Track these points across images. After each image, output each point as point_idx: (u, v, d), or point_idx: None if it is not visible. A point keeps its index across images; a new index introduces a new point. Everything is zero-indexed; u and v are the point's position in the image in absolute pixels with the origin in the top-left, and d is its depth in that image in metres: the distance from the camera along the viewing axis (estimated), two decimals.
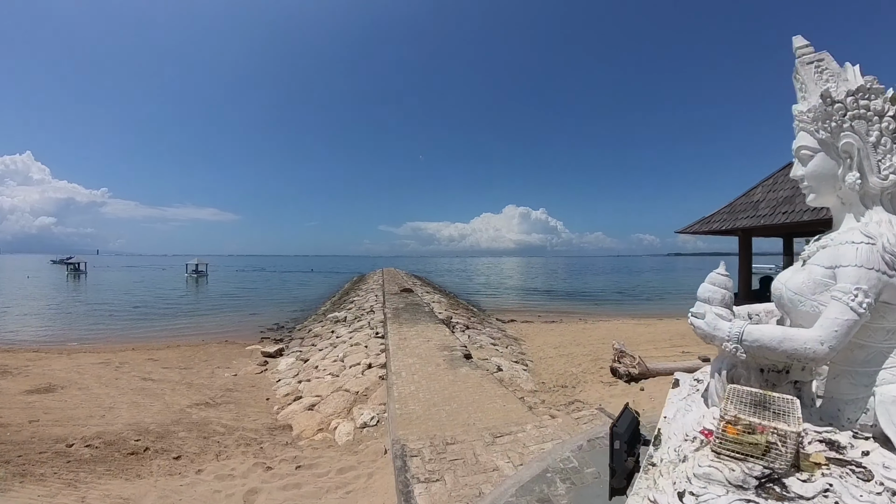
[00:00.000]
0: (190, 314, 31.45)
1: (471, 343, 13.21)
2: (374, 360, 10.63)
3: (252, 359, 16.38)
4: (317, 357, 13.00)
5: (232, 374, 14.19)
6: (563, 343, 17.16)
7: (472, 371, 8.81)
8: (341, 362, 11.35)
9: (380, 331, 14.24)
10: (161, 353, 18.63)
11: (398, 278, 45.64)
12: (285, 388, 10.97)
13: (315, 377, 10.70)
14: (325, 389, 9.41)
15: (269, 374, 13.68)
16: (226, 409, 10.50)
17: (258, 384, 12.64)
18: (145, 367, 15.41)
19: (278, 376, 12.65)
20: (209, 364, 16.00)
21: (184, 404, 10.91)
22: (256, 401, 10.97)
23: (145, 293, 47.55)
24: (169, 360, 16.74)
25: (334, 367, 11.03)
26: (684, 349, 15.36)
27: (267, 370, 14.33)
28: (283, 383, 11.49)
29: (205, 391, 12.16)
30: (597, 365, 12.26)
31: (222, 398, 11.40)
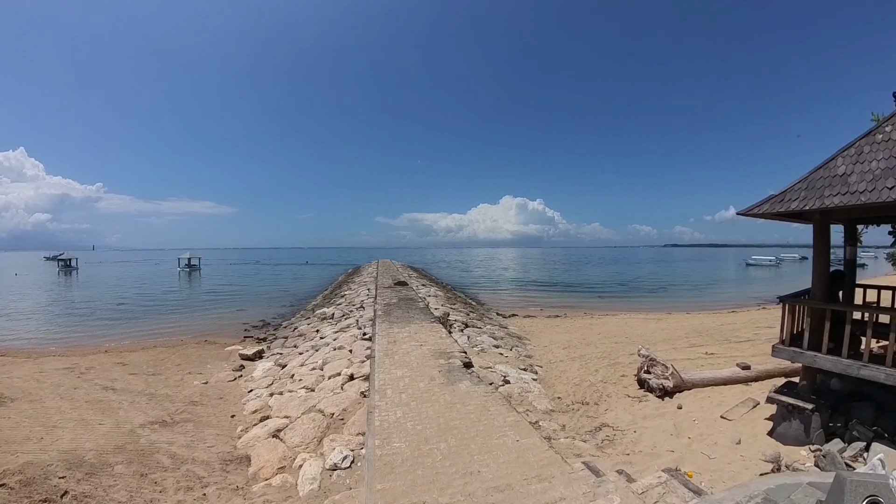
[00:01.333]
0: (175, 311, 29.82)
1: (470, 346, 11.59)
2: (357, 369, 9.00)
3: (229, 362, 14.89)
4: (295, 363, 11.37)
5: (202, 381, 12.70)
6: (573, 342, 15.66)
7: (473, 387, 7.17)
8: (320, 371, 9.72)
9: (368, 331, 12.61)
10: (133, 355, 17.16)
11: (393, 270, 43.89)
12: (255, 402, 9.36)
13: (288, 390, 9.08)
14: (297, 408, 7.78)
15: (243, 381, 12.12)
16: (182, 429, 8.93)
17: (227, 395, 11.07)
18: (112, 372, 13.94)
19: (251, 385, 11.08)
20: (181, 369, 14.54)
21: (137, 423, 9.40)
22: (220, 418, 9.40)
23: (133, 289, 45.86)
24: (139, 365, 15.32)
25: (311, 377, 9.39)
26: (706, 349, 13.85)
27: (241, 377, 12.81)
28: (255, 395, 9.88)
29: (166, 404, 10.64)
30: (616, 371, 10.70)
31: (182, 414, 9.85)
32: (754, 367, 9.78)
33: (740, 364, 9.86)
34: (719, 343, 14.83)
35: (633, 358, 12.24)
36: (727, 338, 15.59)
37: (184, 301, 35.57)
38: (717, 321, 20.20)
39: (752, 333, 16.25)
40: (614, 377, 10.13)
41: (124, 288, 47.74)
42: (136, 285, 51.05)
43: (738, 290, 42.07)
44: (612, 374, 10.48)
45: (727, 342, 14.89)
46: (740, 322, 19.57)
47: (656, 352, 13.47)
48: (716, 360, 12.63)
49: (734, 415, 7.56)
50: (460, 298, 28.89)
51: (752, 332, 16.40)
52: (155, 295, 40.18)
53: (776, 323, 19.28)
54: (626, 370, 10.79)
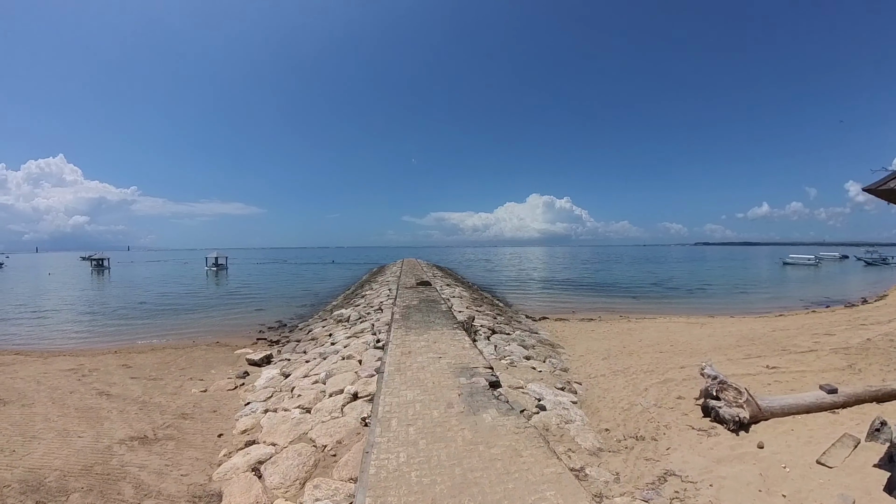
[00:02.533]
0: (193, 311, 29.22)
1: (498, 357, 10.10)
2: (362, 386, 7.62)
3: (235, 367, 13.93)
4: (299, 373, 10.12)
5: (201, 389, 11.75)
6: (612, 351, 14.07)
7: (501, 418, 5.70)
8: (322, 385, 8.39)
9: (382, 337, 11.27)
10: (140, 357, 16.57)
11: (418, 269, 42.54)
12: (248, 419, 8.12)
13: (283, 408, 7.79)
14: (286, 434, 6.46)
15: (243, 391, 11.02)
16: (162, 449, 7.85)
17: (222, 408, 9.96)
18: (113, 376, 13.34)
19: (250, 396, 9.90)
20: (184, 374, 13.73)
21: (118, 437, 8.56)
22: (206, 437, 8.24)
23: (158, 288, 45.97)
24: (143, 368, 14.61)
25: (311, 393, 8.06)
26: (766, 362, 12.08)
27: (243, 385, 11.77)
28: (249, 410, 8.66)
29: (155, 416, 9.70)
30: (670, 392, 9.06)
31: (168, 430, 8.81)
32: (840, 389, 8.04)
33: (825, 386, 8.09)
34: (777, 353, 13.05)
35: (685, 373, 10.70)
36: (784, 347, 13.85)
37: (205, 300, 35.06)
38: (767, 326, 18.37)
39: (811, 342, 14.45)
40: (669, 400, 8.50)
41: (149, 287, 47.94)
42: (161, 284, 51.27)
43: (780, 291, 39.22)
44: (665, 395, 8.85)
45: (786, 352, 13.14)
46: (793, 328, 17.65)
47: (705, 361, 11.80)
48: (780, 375, 10.87)
49: (834, 459, 5.90)
50: (487, 299, 27.27)
51: (812, 341, 14.61)
52: (178, 294, 39.94)
53: (835, 329, 16.62)
54: (682, 390, 9.17)
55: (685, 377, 10.36)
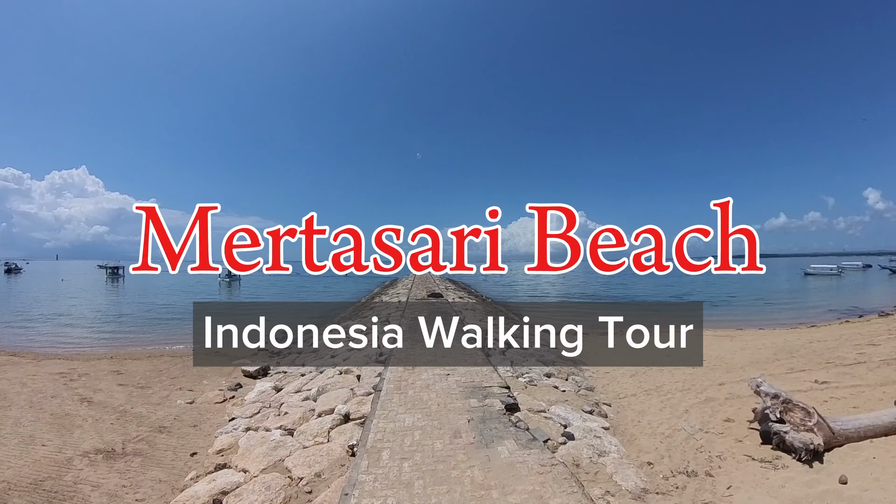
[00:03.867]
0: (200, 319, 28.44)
1: (515, 374, 8.93)
2: (356, 406, 6.54)
3: (229, 378, 13.00)
4: (291, 387, 9.08)
5: (188, 400, 10.83)
6: (640, 367, 12.82)
7: (521, 453, 4.58)
8: (312, 403, 7.32)
9: (386, 350, 10.19)
10: (134, 364, 15.86)
11: (430, 282, 41.42)
12: (226, 437, 7.10)
13: (265, 427, 6.74)
14: (261, 459, 5.41)
15: (231, 404, 10.04)
16: (126, 466, 7.01)
17: (204, 422, 8.99)
18: (101, 381, 12.66)
19: (237, 411, 8.91)
20: (174, 383, 12.92)
21: (83, 448, 7.96)
22: (177, 455, 7.28)
23: (168, 297, 45.59)
24: (133, 375, 13.80)
25: (298, 411, 7.00)
26: (813, 376, 10.71)
27: (233, 398, 10.79)
28: (232, 427, 7.65)
29: (130, 427, 8.86)
30: (716, 413, 7.90)
31: (139, 444, 7.95)
32: None
33: None
34: (822, 367, 11.84)
35: (726, 391, 9.52)
36: (828, 359, 12.64)
37: (213, 310, 34.28)
38: (802, 338, 17.14)
39: (855, 353, 13.20)
40: (716, 423, 7.30)
41: (160, 295, 47.68)
42: (171, 293, 50.88)
43: (806, 301, 37.73)
44: (710, 417, 7.67)
45: (832, 365, 11.96)
46: (830, 339, 16.38)
47: (744, 376, 10.33)
48: (833, 391, 9.48)
49: None
50: (501, 313, 25.98)
51: (856, 353, 13.33)
52: (186, 303, 39.37)
53: (877, 339, 14.93)
54: (728, 410, 8.01)
55: (727, 395, 9.24)
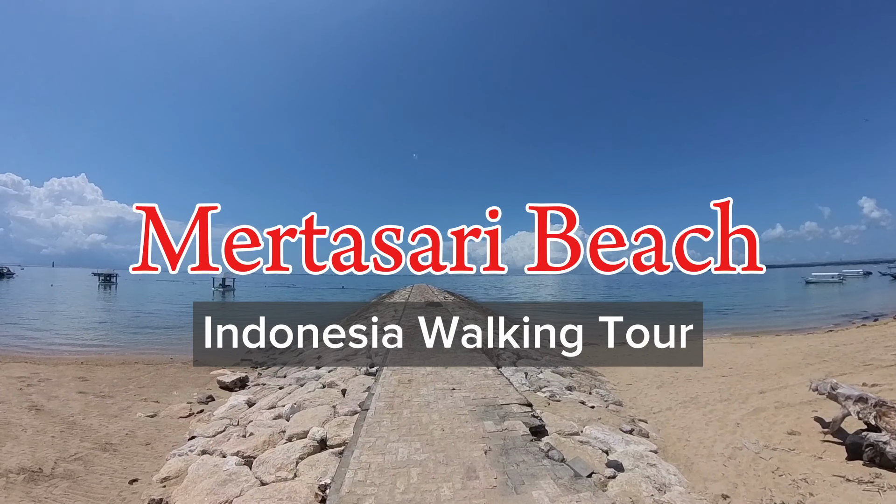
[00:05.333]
0: (186, 327, 26.99)
1: (532, 387, 7.57)
2: (336, 429, 5.18)
3: (202, 389, 11.77)
4: (265, 402, 7.73)
5: (149, 413, 9.57)
6: (665, 377, 11.89)
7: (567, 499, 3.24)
8: (285, 422, 5.96)
9: (377, 361, 8.86)
10: (103, 371, 14.81)
11: (428, 293, 39.92)
12: (178, 461, 5.76)
13: (221, 452, 5.39)
14: (201, 499, 4.05)
15: (195, 420, 8.78)
16: (46, 492, 6.23)
17: (160, 441, 7.76)
18: (61, 388, 11.57)
19: (199, 429, 7.52)
20: (140, 393, 11.79)
21: (5, 467, 6.57)
22: (114, 480, 6.09)
23: (160, 305, 44.40)
24: (99, 382, 12.57)
25: (266, 431, 5.65)
26: (858, 379, 10.09)
27: (202, 412, 9.55)
28: (188, 448, 6.31)
29: (72, 442, 7.72)
30: (774, 426, 6.85)
31: (75, 463, 6.81)
32: None
33: None
34: (862, 370, 11.38)
35: (774, 399, 8.67)
36: (864, 362, 12.34)
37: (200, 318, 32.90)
38: (826, 342, 16.71)
39: (890, 355, 12.90)
40: (779, 436, 6.25)
41: (150, 303, 46.59)
42: (163, 301, 49.60)
43: (815, 307, 37.10)
44: (769, 430, 6.62)
45: (871, 367, 11.57)
46: (855, 342, 16.06)
47: (776, 381, 9.97)
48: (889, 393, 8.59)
49: None
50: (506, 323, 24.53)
51: (890, 354, 13.07)
52: (176, 311, 38.01)
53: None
54: (787, 421, 7.02)
55: (776, 403, 8.32)
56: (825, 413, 7.09)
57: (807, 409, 7.61)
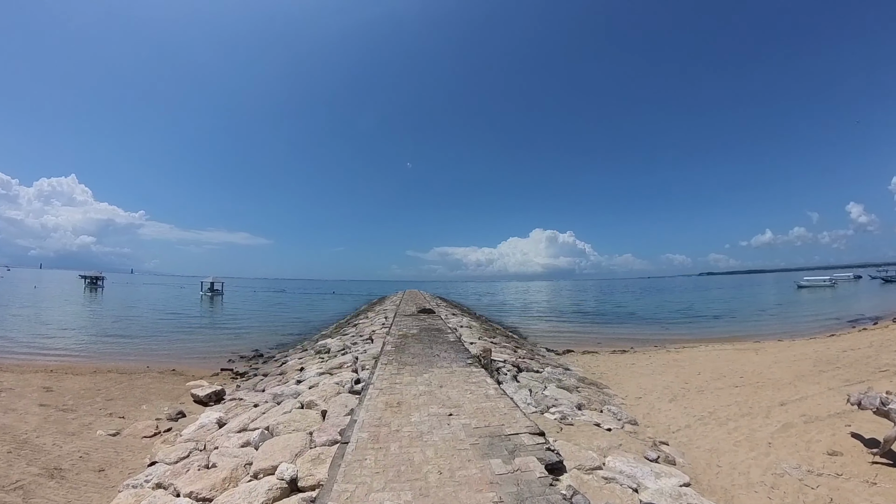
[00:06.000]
0: (170, 333, 26.02)
1: (539, 407, 6.78)
2: (309, 466, 4.35)
3: (174, 403, 10.98)
4: (238, 421, 6.90)
5: (112, 431, 8.74)
6: (674, 388, 11.24)
7: None
8: (253, 451, 5.16)
9: (364, 376, 8.05)
10: (71, 380, 14.19)
11: (419, 299, 38.89)
12: (129, 495, 4.96)
13: (175, 488, 4.57)
14: None
15: (161, 441, 7.87)
16: None
17: (116, 466, 6.98)
18: (22, 399, 10.78)
19: (162, 453, 6.61)
20: (107, 407, 10.98)
21: None
22: None
23: (146, 309, 43.41)
24: (64, 393, 11.74)
25: (230, 463, 4.85)
26: (882, 386, 9.34)
27: (170, 430, 8.69)
28: (144, 478, 5.44)
29: (17, 467, 7.26)
30: (810, 445, 6.25)
31: (10, 495, 5.78)
32: None
33: None
34: (879, 376, 11.03)
35: (799, 412, 8.13)
36: (878, 368, 12.07)
37: (186, 324, 31.82)
38: (832, 348, 16.35)
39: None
40: (819, 458, 5.69)
41: (136, 307, 45.64)
42: (149, 306, 48.55)
43: (810, 312, 37.12)
44: (805, 449, 6.05)
45: (888, 373, 11.28)
46: (862, 346, 15.82)
47: (793, 389, 9.72)
48: None
49: None
50: (499, 331, 23.53)
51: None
52: (162, 316, 36.97)
53: None
54: (824, 438, 6.46)
55: (803, 418, 7.71)
56: (860, 428, 6.58)
57: (838, 423, 7.06)
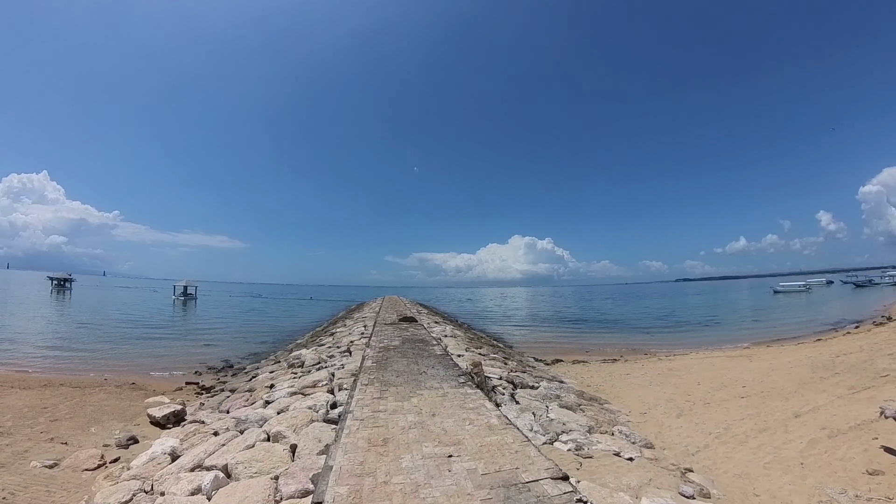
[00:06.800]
0: (135, 340, 24.47)
1: (548, 436, 5.91)
2: None
3: (130, 424, 9.81)
4: (192, 455, 5.87)
5: (49, 462, 7.65)
6: (677, 401, 10.62)
7: None
8: (206, 503, 4.17)
9: (342, 398, 7.07)
10: (17, 395, 13.12)
11: (400, 305, 37.70)
12: None
13: None
14: None
15: (103, 476, 6.75)
16: None
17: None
18: None
19: (102, 495, 5.51)
20: (51, 429, 9.90)
21: None
22: None
23: (114, 314, 41.50)
24: (4, 412, 10.48)
25: None
26: (889, 394, 9.36)
27: (118, 460, 7.53)
28: None
29: None
30: (847, 464, 5.74)
31: None
32: None
33: None
34: (883, 382, 10.83)
35: (819, 424, 7.72)
36: (877, 373, 11.88)
37: (154, 330, 30.19)
38: (824, 352, 16.60)
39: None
40: (860, 479, 5.16)
41: (103, 312, 43.67)
42: (118, 310, 46.46)
43: (792, 317, 38.14)
44: (843, 470, 5.53)
45: (890, 378, 11.09)
46: (853, 351, 15.99)
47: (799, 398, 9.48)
48: None
49: None
50: (484, 339, 22.73)
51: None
52: (130, 321, 35.18)
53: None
54: (855, 456, 6.01)
55: (825, 431, 7.29)
56: (889, 440, 6.29)
57: (864, 436, 6.67)
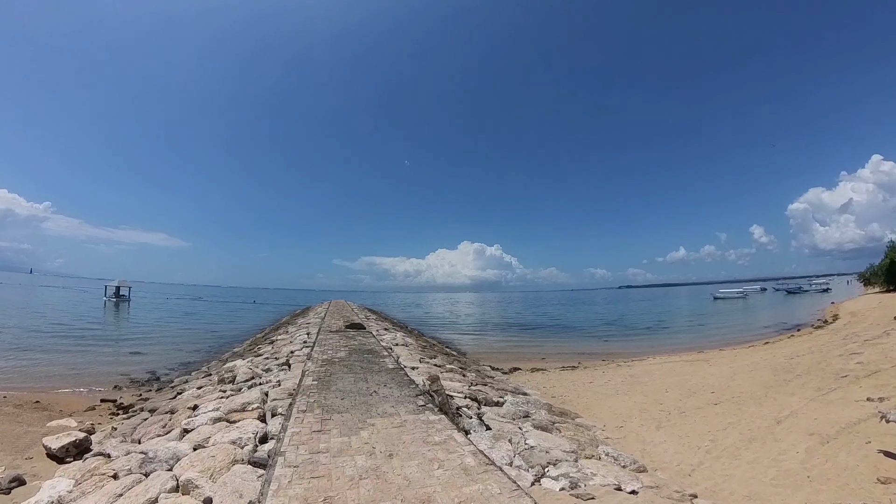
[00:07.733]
0: (48, 348, 22.05)
1: (532, 468, 5.18)
2: None
3: (23, 455, 8.35)
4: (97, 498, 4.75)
5: None
6: (650, 411, 10.43)
7: None
8: None
9: (274, 428, 6.10)
10: None
11: (347, 311, 36.36)
12: None
13: None
14: None
15: None
16: None
17: None
18: None
19: None
20: None
21: None
22: None
23: (30, 316, 38.29)
24: None
25: None
26: (859, 394, 9.58)
27: None
28: None
29: None
30: (853, 471, 5.77)
31: None
32: None
33: None
34: (846, 382, 11.03)
35: (803, 429, 7.77)
36: (837, 373, 12.10)
37: (74, 335, 27.50)
38: (777, 354, 17.13)
39: (853, 364, 12.91)
40: (875, 488, 5.14)
41: (18, 314, 39.67)
42: (37, 312, 42.58)
43: (736, 321, 40.60)
44: (848, 477, 5.59)
45: (850, 378, 11.28)
46: (804, 353, 16.54)
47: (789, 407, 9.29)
48: None
49: None
50: (437, 347, 22.04)
51: (853, 362, 13.11)
52: (48, 325, 32.03)
53: (848, 347, 15.93)
54: (852, 459, 6.15)
55: (813, 436, 7.25)
56: (884, 443, 6.37)
57: (856, 440, 6.72)
